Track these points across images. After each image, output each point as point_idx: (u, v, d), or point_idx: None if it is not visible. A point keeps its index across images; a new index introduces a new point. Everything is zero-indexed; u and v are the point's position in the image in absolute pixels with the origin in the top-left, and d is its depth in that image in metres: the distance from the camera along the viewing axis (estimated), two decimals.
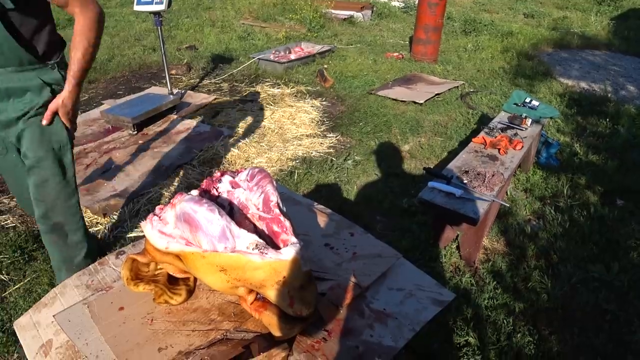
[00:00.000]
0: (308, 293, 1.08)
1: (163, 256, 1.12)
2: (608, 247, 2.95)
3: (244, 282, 1.06)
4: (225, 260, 1.03)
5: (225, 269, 1.04)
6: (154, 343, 1.07)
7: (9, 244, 2.80)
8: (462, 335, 2.29)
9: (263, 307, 1.10)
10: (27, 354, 1.13)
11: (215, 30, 7.53)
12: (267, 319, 1.09)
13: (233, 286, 1.08)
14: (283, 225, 1.12)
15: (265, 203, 1.16)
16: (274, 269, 1.02)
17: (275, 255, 1.02)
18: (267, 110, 4.82)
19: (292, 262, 1.03)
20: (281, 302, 1.07)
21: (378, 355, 1.12)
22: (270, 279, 1.03)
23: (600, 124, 4.63)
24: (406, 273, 1.40)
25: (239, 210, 1.18)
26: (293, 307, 1.07)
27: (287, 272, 1.03)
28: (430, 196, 2.45)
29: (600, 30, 8.33)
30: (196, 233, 1.04)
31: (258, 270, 1.02)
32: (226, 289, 1.09)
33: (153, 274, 1.20)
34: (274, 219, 1.14)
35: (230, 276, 1.05)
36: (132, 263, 1.19)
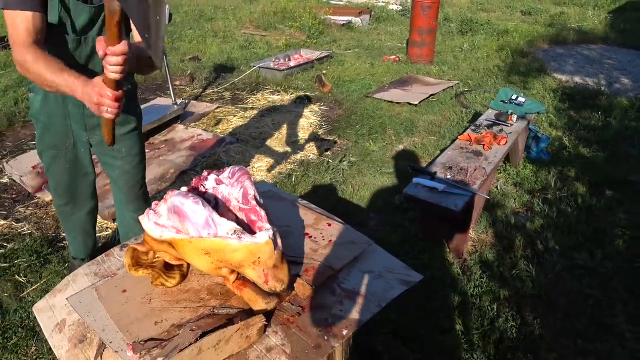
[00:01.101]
0: (281, 272, 1.26)
1: (159, 245, 1.30)
2: (594, 236, 3.08)
3: (226, 264, 1.24)
4: (209, 245, 1.20)
5: (209, 252, 1.21)
6: (151, 318, 1.25)
7: (26, 249, 3.01)
8: (448, 321, 2.45)
9: (243, 285, 1.28)
10: (45, 331, 1.32)
11: (217, 40, 7.76)
12: (247, 295, 1.27)
13: (217, 267, 1.25)
14: (259, 215, 1.30)
15: (244, 196, 1.34)
16: (250, 250, 1.20)
17: (251, 239, 1.20)
18: (267, 117, 5.01)
19: (266, 244, 1.20)
20: (257, 279, 1.24)
21: (345, 327, 1.29)
22: (247, 259, 1.21)
23: (593, 117, 4.76)
24: (377, 258, 1.56)
25: (222, 203, 1.36)
26: (268, 284, 1.25)
27: (261, 254, 1.21)
28: (415, 191, 2.61)
29: (598, 25, 8.44)
30: (184, 222, 1.22)
31: (237, 253, 1.20)
32: (211, 270, 1.27)
33: (151, 261, 1.39)
34: (251, 209, 1.32)
35: (214, 258, 1.22)
36: (133, 252, 1.38)
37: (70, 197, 2.37)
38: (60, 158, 2.19)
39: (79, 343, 1.28)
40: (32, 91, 2.08)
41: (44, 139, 2.16)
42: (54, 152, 2.18)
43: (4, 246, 3.08)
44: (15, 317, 2.54)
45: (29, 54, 1.66)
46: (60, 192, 2.34)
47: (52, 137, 2.13)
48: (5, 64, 6.72)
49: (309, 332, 1.26)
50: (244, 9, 9.53)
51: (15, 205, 3.58)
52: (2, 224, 3.33)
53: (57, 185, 2.32)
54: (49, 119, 2.07)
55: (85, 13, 1.83)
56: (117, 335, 1.22)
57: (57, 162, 2.21)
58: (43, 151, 2.21)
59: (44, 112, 2.06)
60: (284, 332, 1.26)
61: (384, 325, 2.36)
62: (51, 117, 2.06)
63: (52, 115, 2.06)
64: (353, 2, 10.13)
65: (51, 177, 2.31)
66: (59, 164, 2.22)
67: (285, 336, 1.25)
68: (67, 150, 2.17)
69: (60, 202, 2.41)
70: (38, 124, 2.14)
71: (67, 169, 2.24)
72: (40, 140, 2.19)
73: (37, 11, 1.69)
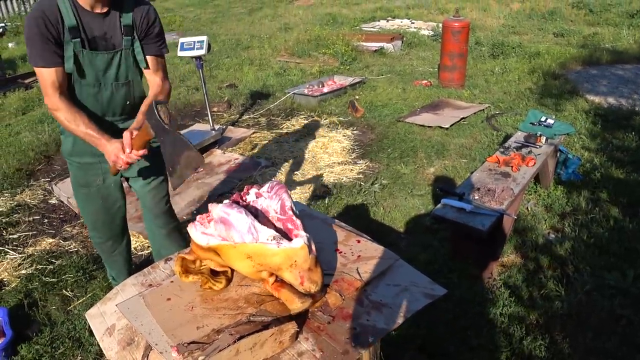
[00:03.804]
0: (315, 274, 1.39)
1: (204, 253, 1.44)
2: (626, 256, 3.07)
3: (265, 267, 1.38)
4: (251, 249, 1.35)
5: (250, 256, 1.36)
6: (194, 323, 1.37)
7: (72, 265, 3.21)
8: (476, 338, 2.49)
9: (281, 286, 1.42)
10: (96, 335, 1.46)
11: (253, 68, 8.02)
12: (284, 296, 1.40)
13: (257, 270, 1.39)
14: (295, 223, 1.45)
15: (282, 207, 1.49)
16: (287, 254, 1.34)
17: (288, 244, 1.34)
18: (301, 141, 5.16)
19: (301, 249, 1.34)
20: (294, 281, 1.38)
21: (371, 335, 1.38)
22: (285, 262, 1.35)
23: (627, 138, 4.73)
24: (403, 272, 1.65)
25: (262, 214, 1.52)
26: (303, 285, 1.39)
27: (297, 257, 1.34)
28: (443, 212, 2.69)
29: (632, 44, 8.34)
30: (229, 230, 1.36)
31: (275, 256, 1.34)
32: (252, 273, 1.41)
33: (199, 269, 1.54)
34: (288, 219, 1.47)
35: (255, 262, 1.37)
36: (182, 260, 1.53)
37: (109, 232, 2.54)
38: (93, 195, 2.37)
39: (127, 345, 1.41)
40: (63, 133, 2.27)
41: (76, 177, 2.35)
42: (87, 190, 2.36)
43: (52, 262, 3.29)
44: (62, 329, 2.71)
45: (56, 104, 1.97)
46: (99, 228, 2.51)
47: (84, 175, 2.32)
48: None
49: (337, 339, 1.35)
50: (279, 37, 9.82)
51: (62, 224, 3.81)
52: (50, 242, 3.55)
53: (95, 222, 2.48)
54: (79, 157, 2.27)
55: (100, 60, 2.06)
56: (162, 338, 1.34)
57: (91, 200, 2.38)
58: (77, 190, 2.39)
59: (74, 152, 2.26)
60: (315, 338, 1.36)
61: (412, 340, 2.43)
62: (81, 155, 2.26)
63: (82, 154, 2.25)
64: (385, 29, 10.32)
65: (87, 216, 2.48)
66: (93, 201, 2.39)
67: (315, 342, 1.35)
68: (99, 186, 2.34)
69: (101, 239, 2.57)
70: (70, 164, 2.34)
71: (101, 204, 2.41)
72: (73, 179, 2.38)
73: (58, 65, 1.97)
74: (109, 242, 2.58)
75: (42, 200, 4.19)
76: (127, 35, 2.08)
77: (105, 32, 2.04)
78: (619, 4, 11.03)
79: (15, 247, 3.51)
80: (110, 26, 2.04)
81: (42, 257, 3.34)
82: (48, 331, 2.68)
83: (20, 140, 5.36)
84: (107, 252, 2.64)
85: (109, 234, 2.54)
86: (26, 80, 7.79)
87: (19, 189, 4.37)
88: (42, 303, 2.92)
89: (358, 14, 12.12)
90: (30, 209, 4.04)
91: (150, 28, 2.14)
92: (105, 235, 2.54)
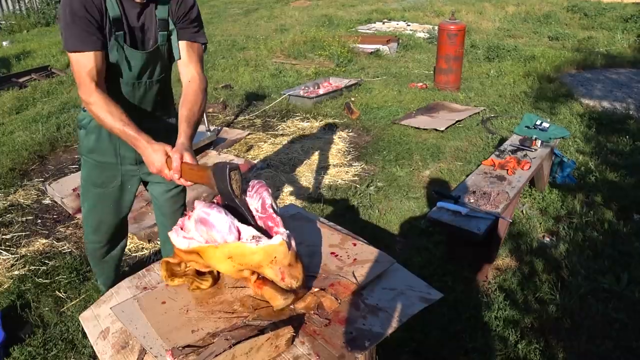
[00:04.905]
0: (295, 269, 1.39)
1: (187, 255, 1.45)
2: (620, 260, 3.08)
3: (246, 265, 1.38)
4: (231, 249, 1.35)
5: (231, 256, 1.36)
6: (189, 327, 1.36)
7: (66, 266, 3.19)
8: (471, 342, 2.49)
9: (263, 283, 1.42)
10: (90, 338, 1.44)
11: (249, 69, 8.01)
12: (267, 293, 1.40)
13: (239, 270, 1.40)
14: (275, 221, 1.45)
15: (262, 206, 1.49)
16: (267, 252, 1.34)
17: (267, 241, 1.34)
18: (296, 143, 5.16)
19: (280, 245, 1.34)
20: (275, 277, 1.38)
21: (368, 339, 1.37)
22: (265, 260, 1.35)
23: (621, 142, 4.75)
24: (399, 276, 1.65)
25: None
26: (284, 280, 1.39)
27: (277, 253, 1.34)
28: (438, 215, 2.69)
29: (627, 48, 8.40)
30: (211, 231, 1.36)
31: (255, 255, 1.34)
32: (234, 272, 1.41)
33: (184, 271, 1.53)
34: (268, 217, 1.47)
35: (236, 261, 1.37)
36: (167, 264, 1.53)
37: (109, 236, 2.40)
38: (106, 197, 2.22)
39: (121, 349, 1.40)
40: (84, 127, 2.11)
41: (90, 176, 2.19)
42: (100, 191, 2.20)
43: (45, 263, 3.26)
44: (55, 330, 2.69)
45: (92, 96, 1.77)
46: (101, 232, 2.36)
47: (100, 175, 2.17)
48: (48, 92, 7.10)
49: (333, 343, 1.35)
50: (275, 39, 9.81)
51: (56, 225, 3.78)
52: (44, 243, 3.52)
53: (98, 225, 2.33)
54: (100, 155, 2.12)
55: (138, 59, 1.93)
56: (157, 341, 1.33)
57: (103, 201, 2.24)
58: (88, 190, 2.24)
59: (96, 149, 2.11)
60: (311, 342, 1.35)
61: (406, 344, 2.42)
62: (103, 154, 2.12)
63: (104, 152, 2.11)
64: (381, 31, 10.33)
65: (93, 217, 2.31)
66: (105, 203, 2.24)
67: (311, 346, 1.34)
68: (114, 188, 2.20)
69: (98, 243, 2.42)
70: (86, 162, 2.18)
71: (111, 208, 2.27)
72: (86, 178, 2.22)
73: (99, 50, 1.79)
74: (105, 247, 2.45)
75: (36, 201, 4.16)
76: (162, 30, 1.94)
77: (143, 23, 1.90)
78: (614, 8, 11.10)
79: (8, 247, 3.48)
80: (147, 17, 1.90)
81: (35, 258, 3.32)
82: (41, 333, 2.66)
83: (14, 139, 5.33)
84: (98, 257, 2.50)
85: (109, 238, 2.41)
86: (20, 79, 7.75)
87: (12, 188, 4.34)
88: (35, 304, 2.90)
89: (354, 15, 12.13)
90: (24, 209, 4.01)
91: (186, 14, 1.96)
92: (104, 239, 2.41)
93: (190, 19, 1.97)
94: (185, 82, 1.97)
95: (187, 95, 1.92)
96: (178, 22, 1.95)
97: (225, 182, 1.45)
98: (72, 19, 1.73)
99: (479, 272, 2.93)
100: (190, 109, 1.88)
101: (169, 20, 1.94)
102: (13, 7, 13.49)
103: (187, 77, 1.98)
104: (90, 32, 1.76)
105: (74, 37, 1.75)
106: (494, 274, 3.00)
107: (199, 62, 2.01)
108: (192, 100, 1.91)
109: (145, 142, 1.71)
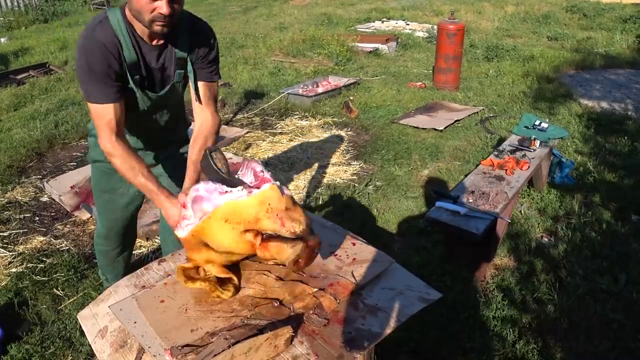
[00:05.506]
0: (295, 212, 1.38)
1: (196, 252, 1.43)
2: (618, 260, 3.08)
3: (244, 223, 1.36)
4: (224, 210, 1.34)
5: (227, 218, 1.34)
6: (188, 326, 1.36)
7: (63, 264, 3.18)
8: (469, 342, 2.49)
9: (268, 241, 1.40)
10: (88, 337, 1.44)
11: (248, 67, 7.99)
12: (274, 249, 1.38)
13: (239, 232, 1.37)
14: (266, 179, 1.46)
15: (255, 175, 1.50)
16: (260, 201, 1.33)
17: (257, 190, 1.34)
18: (295, 141, 5.15)
19: (271, 189, 1.34)
20: (275, 225, 1.35)
21: (367, 339, 1.37)
22: (260, 210, 1.34)
23: (619, 142, 4.76)
24: (398, 276, 1.65)
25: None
26: (285, 225, 1.36)
27: (270, 200, 1.34)
28: (437, 214, 2.68)
29: (625, 49, 8.40)
30: (201, 203, 1.37)
31: (249, 208, 1.33)
32: (237, 237, 1.38)
33: (205, 277, 1.51)
34: (261, 179, 1.48)
35: (233, 221, 1.35)
36: (183, 271, 1.50)
37: (121, 240, 2.44)
38: (116, 201, 2.25)
39: (120, 348, 1.39)
40: (94, 136, 2.09)
41: (99, 182, 2.23)
42: (109, 196, 2.24)
43: (43, 261, 3.25)
44: (53, 328, 2.68)
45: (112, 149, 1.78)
46: (112, 237, 2.40)
47: (108, 180, 2.20)
48: (47, 89, 7.08)
49: (332, 343, 1.35)
50: (274, 37, 9.79)
51: (54, 222, 3.77)
52: (41, 240, 3.51)
53: (110, 229, 2.37)
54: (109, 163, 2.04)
55: (154, 100, 1.95)
56: (155, 340, 1.32)
57: (113, 205, 2.27)
58: (98, 197, 2.27)
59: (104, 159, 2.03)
60: (310, 342, 1.35)
61: (405, 344, 2.42)
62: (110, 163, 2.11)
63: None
64: (380, 30, 10.32)
65: (105, 222, 2.36)
66: (115, 207, 2.27)
67: (310, 346, 1.34)
68: (122, 193, 2.22)
69: (109, 246, 2.46)
70: (96, 169, 2.21)
71: (122, 212, 2.30)
72: (95, 184, 2.26)
73: (117, 102, 1.78)
74: (117, 250, 2.48)
75: (33, 198, 4.15)
76: (180, 68, 1.93)
77: (162, 64, 1.90)
78: (613, 9, 11.10)
79: (6, 245, 3.47)
80: (167, 57, 1.89)
81: (32, 256, 3.31)
82: (38, 331, 2.65)
83: (12, 136, 5.31)
84: (111, 258, 2.53)
85: (121, 240, 2.45)
86: (18, 76, 7.72)
87: (10, 186, 4.32)
88: (33, 302, 2.89)
89: (353, 14, 12.11)
90: (21, 207, 3.99)
91: (206, 55, 1.95)
92: (116, 243, 2.45)
93: (209, 60, 1.96)
94: (199, 123, 1.99)
95: (198, 138, 1.96)
96: (197, 62, 1.93)
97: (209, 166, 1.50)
98: (90, 70, 1.72)
99: (478, 272, 2.93)
100: (200, 149, 1.89)
101: (188, 59, 1.92)
102: (11, 3, 13.45)
103: (201, 117, 1.99)
104: (108, 84, 1.75)
105: (92, 89, 1.75)
106: (493, 274, 3.00)
107: (213, 102, 2.03)
108: (201, 145, 1.94)
109: (165, 197, 1.73)
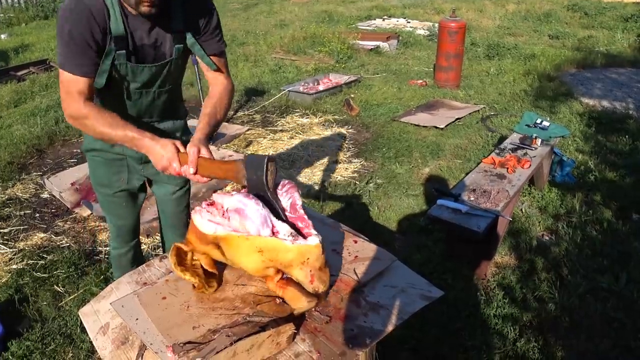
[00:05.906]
0: (325, 274, 1.38)
1: (204, 244, 1.40)
2: (619, 259, 3.09)
3: (275, 262, 1.35)
4: (265, 243, 1.32)
5: (262, 250, 1.33)
6: (190, 323, 1.35)
7: (64, 260, 3.18)
8: (470, 340, 2.49)
9: (287, 284, 1.41)
10: (90, 334, 1.44)
11: (248, 64, 7.98)
12: (290, 294, 1.39)
13: (265, 266, 1.37)
14: (306, 222, 1.44)
15: (292, 206, 1.47)
16: (301, 252, 1.32)
17: (304, 241, 1.33)
18: (296, 139, 5.15)
19: (316, 247, 1.33)
20: (304, 279, 1.37)
21: (368, 337, 1.37)
22: (297, 259, 1.34)
23: (620, 141, 4.75)
24: (400, 273, 1.64)
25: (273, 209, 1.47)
26: (313, 283, 1.37)
27: (310, 255, 1.33)
28: (438, 212, 2.68)
29: (627, 48, 8.39)
30: (245, 221, 1.34)
31: (289, 252, 1.32)
32: (258, 268, 1.38)
33: (191, 264, 1.48)
34: (298, 217, 1.45)
35: (265, 257, 1.34)
36: (177, 250, 1.47)
37: (131, 239, 2.32)
38: (117, 196, 2.13)
39: (121, 345, 1.39)
40: None
41: (97, 176, 2.10)
42: (108, 191, 2.11)
43: (43, 257, 3.25)
44: (53, 325, 2.68)
45: (81, 111, 1.66)
46: (123, 235, 2.28)
47: (105, 173, 2.08)
48: (47, 85, 7.07)
49: (334, 340, 1.34)
50: (275, 34, 9.78)
51: (54, 219, 3.77)
52: (42, 237, 3.51)
53: (120, 228, 2.25)
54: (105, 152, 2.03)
55: (145, 73, 1.82)
56: (157, 337, 1.32)
57: (115, 202, 2.15)
58: (99, 194, 2.16)
59: (103, 146, 1.99)
60: (312, 339, 1.35)
61: (406, 342, 2.42)
62: (107, 150, 2.02)
63: (108, 150, 2.01)
64: (381, 27, 10.30)
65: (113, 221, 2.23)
66: (118, 203, 2.15)
67: (312, 343, 1.33)
68: (121, 187, 2.10)
69: (123, 249, 2.32)
70: (92, 160, 2.09)
71: (125, 208, 2.18)
72: (93, 180, 2.13)
73: (90, 77, 1.68)
74: (130, 253, 2.34)
75: (34, 195, 4.14)
76: (178, 43, 1.82)
77: (155, 39, 1.78)
78: (614, 8, 11.08)
79: (6, 241, 3.47)
80: (161, 32, 1.78)
81: (33, 252, 3.31)
82: (39, 327, 2.65)
83: (12, 133, 5.31)
84: (125, 265, 2.34)
85: (130, 240, 2.31)
86: (18, 72, 7.71)
87: (10, 182, 4.32)
88: (33, 299, 2.89)
89: (354, 12, 12.10)
90: (22, 203, 3.99)
91: (206, 25, 1.84)
92: (127, 244, 2.31)
93: (211, 29, 1.86)
94: (213, 85, 1.94)
95: (212, 96, 1.89)
96: (201, 34, 1.85)
97: (261, 173, 1.43)
98: (70, 38, 1.62)
99: (479, 270, 2.93)
100: (214, 105, 1.84)
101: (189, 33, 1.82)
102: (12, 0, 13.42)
103: (216, 81, 1.94)
104: (89, 56, 1.65)
105: (69, 58, 1.64)
106: (493, 272, 3.00)
107: (226, 69, 1.97)
108: (216, 100, 1.87)
109: (150, 138, 1.61)
